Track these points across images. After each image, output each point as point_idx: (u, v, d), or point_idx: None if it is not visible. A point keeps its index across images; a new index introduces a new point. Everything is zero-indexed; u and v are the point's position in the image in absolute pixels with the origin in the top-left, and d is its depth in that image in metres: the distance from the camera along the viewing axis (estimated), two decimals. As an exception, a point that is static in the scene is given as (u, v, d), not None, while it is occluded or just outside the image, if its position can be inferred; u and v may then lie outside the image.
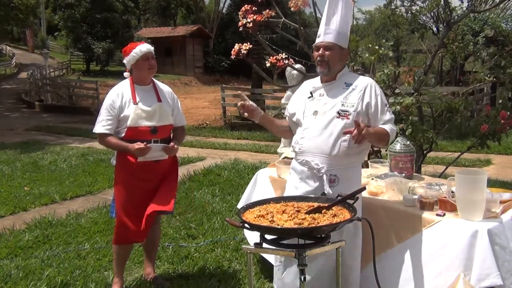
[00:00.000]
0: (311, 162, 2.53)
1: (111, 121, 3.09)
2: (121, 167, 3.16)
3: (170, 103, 3.28)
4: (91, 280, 3.41)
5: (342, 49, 2.57)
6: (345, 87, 2.55)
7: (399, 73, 4.41)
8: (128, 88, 3.16)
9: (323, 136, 2.50)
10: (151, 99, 3.18)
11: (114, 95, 3.13)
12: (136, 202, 3.11)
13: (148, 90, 3.22)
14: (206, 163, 7.77)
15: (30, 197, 5.85)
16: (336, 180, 2.51)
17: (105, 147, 3.21)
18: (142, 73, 3.16)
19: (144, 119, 3.10)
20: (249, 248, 2.15)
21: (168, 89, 3.36)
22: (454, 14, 8.81)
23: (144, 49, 3.10)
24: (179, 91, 25.97)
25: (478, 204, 2.32)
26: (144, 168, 3.10)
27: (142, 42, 3.23)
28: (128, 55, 3.12)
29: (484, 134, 3.79)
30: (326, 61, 2.52)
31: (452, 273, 2.27)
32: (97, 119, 3.13)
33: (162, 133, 3.17)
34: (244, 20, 4.58)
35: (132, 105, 3.09)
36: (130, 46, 3.17)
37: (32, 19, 23.51)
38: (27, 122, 14.74)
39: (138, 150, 3.00)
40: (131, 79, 3.21)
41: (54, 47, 40.59)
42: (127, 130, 3.08)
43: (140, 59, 3.11)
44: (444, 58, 16.72)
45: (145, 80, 3.21)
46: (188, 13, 41.38)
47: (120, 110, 3.09)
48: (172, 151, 3.18)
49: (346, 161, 2.52)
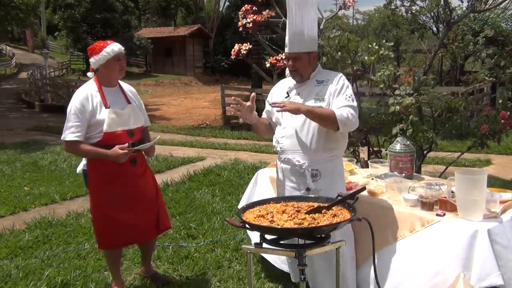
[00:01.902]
0: (292, 159, 2.63)
1: (81, 127, 2.88)
2: (96, 172, 3.01)
3: (137, 103, 3.17)
4: (91, 280, 3.41)
5: (310, 53, 2.63)
6: (317, 84, 2.64)
7: (399, 75, 4.40)
8: (96, 91, 2.97)
9: (302, 133, 2.61)
10: (121, 101, 3.05)
11: (82, 98, 2.91)
12: (118, 206, 3.02)
13: (116, 91, 3.07)
14: (206, 163, 7.77)
15: (30, 197, 5.85)
16: (318, 174, 2.60)
17: (75, 155, 3.00)
18: (112, 74, 3.00)
19: (120, 123, 2.96)
20: (249, 248, 2.15)
21: (132, 89, 3.23)
22: (454, 14, 8.82)
23: (116, 49, 2.94)
24: (179, 91, 26.00)
25: (478, 204, 2.32)
26: (120, 172, 2.98)
27: (111, 41, 3.02)
28: (97, 53, 2.93)
29: (484, 134, 3.79)
30: (295, 70, 2.62)
31: (451, 272, 2.27)
32: (65, 125, 2.91)
33: (137, 135, 3.09)
34: (244, 20, 4.58)
35: (104, 109, 2.92)
36: (99, 44, 2.98)
37: (32, 19, 23.48)
38: (27, 122, 14.74)
39: (123, 155, 2.87)
40: (96, 81, 3.01)
41: (54, 47, 40.58)
42: (103, 135, 2.92)
43: (111, 59, 2.94)
44: (444, 58, 16.73)
45: (114, 82, 3.06)
46: (188, 13, 41.36)
47: (91, 115, 2.90)
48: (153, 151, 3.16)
49: (326, 155, 2.62)
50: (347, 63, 3.89)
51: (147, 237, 3.23)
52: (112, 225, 3.03)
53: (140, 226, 3.11)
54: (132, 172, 3.05)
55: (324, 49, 3.82)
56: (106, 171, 2.97)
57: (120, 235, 3.07)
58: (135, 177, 3.08)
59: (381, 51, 3.74)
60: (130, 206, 3.05)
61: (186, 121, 15.22)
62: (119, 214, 3.02)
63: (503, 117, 3.60)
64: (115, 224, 3.02)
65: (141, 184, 3.12)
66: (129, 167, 3.01)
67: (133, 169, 3.05)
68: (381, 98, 7.09)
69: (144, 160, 3.21)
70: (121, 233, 3.06)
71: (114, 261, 3.24)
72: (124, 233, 3.07)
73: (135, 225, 3.08)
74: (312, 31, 2.61)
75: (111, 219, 3.02)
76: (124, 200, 3.02)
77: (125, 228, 3.05)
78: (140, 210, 3.10)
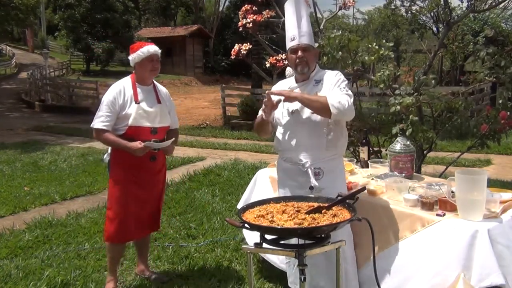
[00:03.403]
0: (294, 158, 2.66)
1: (111, 117, 3.08)
2: (118, 164, 3.17)
3: (168, 105, 3.30)
4: (91, 280, 3.41)
5: (315, 48, 2.77)
6: (315, 84, 2.68)
7: (399, 75, 4.41)
8: (130, 86, 3.16)
9: (303, 132, 2.63)
10: (152, 99, 3.20)
11: (116, 91, 3.12)
12: (133, 199, 3.15)
13: (149, 90, 3.23)
14: (206, 163, 7.77)
15: (30, 197, 5.85)
16: (320, 172, 2.62)
17: (101, 142, 3.20)
18: (144, 72, 3.17)
19: (145, 119, 3.12)
20: (249, 248, 2.15)
21: (166, 91, 3.39)
22: (454, 14, 8.81)
23: (151, 50, 3.13)
24: (179, 91, 25.97)
25: (478, 204, 2.32)
26: (140, 166, 3.14)
27: (151, 43, 3.25)
28: (134, 52, 3.13)
29: (484, 134, 3.79)
30: (305, 61, 2.66)
31: (451, 272, 2.27)
32: (96, 114, 3.12)
33: (160, 134, 3.21)
34: (244, 20, 4.58)
35: (134, 104, 3.10)
36: (139, 44, 3.20)
37: (32, 19, 23.50)
38: (27, 122, 14.74)
39: (140, 149, 3.02)
40: (132, 78, 3.21)
41: (54, 47, 40.58)
42: (128, 129, 3.09)
43: (145, 59, 3.12)
44: (444, 58, 16.73)
45: (147, 81, 3.23)
46: (188, 13, 41.37)
47: (121, 108, 3.09)
48: (171, 151, 3.28)
49: (328, 153, 2.65)
50: (348, 63, 3.89)
51: (145, 232, 3.38)
52: (125, 217, 3.15)
53: (144, 221, 3.26)
54: (150, 168, 3.21)
55: (324, 49, 3.82)
56: (126, 163, 3.12)
57: (130, 228, 3.19)
58: (152, 173, 3.24)
59: (381, 51, 3.74)
60: (141, 200, 3.19)
61: (186, 121, 15.20)
62: (133, 207, 3.16)
63: (503, 117, 3.60)
64: (127, 216, 3.15)
65: (155, 181, 3.28)
66: (148, 162, 3.16)
67: (151, 165, 3.21)
68: (381, 98, 7.09)
69: (163, 159, 3.35)
70: (131, 225, 3.18)
71: (116, 256, 3.31)
72: (134, 226, 3.19)
73: (142, 219, 3.23)
74: (311, 29, 2.72)
75: (125, 210, 3.15)
76: (138, 193, 3.16)
77: (135, 221, 3.19)
78: (148, 205, 3.26)
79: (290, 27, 2.69)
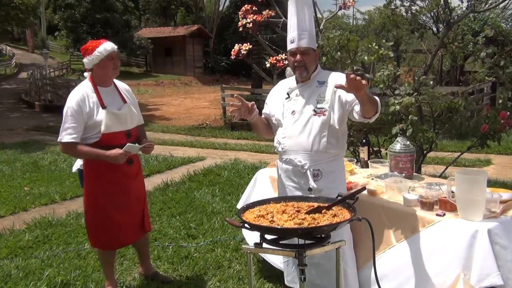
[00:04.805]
0: (294, 160, 2.65)
1: (78, 128, 2.87)
2: (93, 173, 3.00)
3: (132, 101, 3.13)
4: (91, 280, 3.41)
5: (315, 50, 2.69)
6: (318, 85, 2.65)
7: (399, 75, 4.41)
8: (92, 91, 2.94)
9: (303, 134, 2.61)
10: (117, 101, 3.03)
11: (78, 99, 2.89)
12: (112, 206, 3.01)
13: (112, 91, 3.04)
14: (206, 163, 7.77)
15: (30, 197, 5.85)
16: (319, 174, 2.61)
17: (72, 156, 3.00)
18: (106, 73, 2.97)
19: (118, 124, 2.95)
20: (249, 248, 2.14)
21: (126, 87, 3.21)
22: (454, 14, 8.82)
23: (109, 48, 2.91)
24: (179, 91, 25.98)
25: (478, 204, 2.32)
26: (116, 172, 2.97)
27: (104, 40, 2.99)
28: (90, 54, 2.90)
29: (484, 134, 3.79)
30: (304, 65, 2.62)
31: (451, 272, 2.27)
32: (62, 126, 2.90)
33: (134, 134, 3.08)
34: (244, 20, 4.58)
35: (102, 110, 2.90)
36: (92, 44, 2.96)
37: (32, 19, 23.48)
38: (27, 122, 14.74)
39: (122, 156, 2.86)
40: (91, 81, 2.98)
41: (54, 47, 40.56)
42: (101, 136, 2.91)
43: (104, 59, 2.91)
44: (444, 58, 16.72)
45: (109, 81, 3.02)
46: (188, 13, 41.35)
47: (88, 116, 2.88)
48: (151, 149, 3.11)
49: (327, 155, 2.63)
50: (347, 63, 3.89)
51: (136, 236, 3.23)
52: (106, 224, 3.02)
53: (130, 227, 3.13)
54: (128, 172, 3.06)
55: (324, 49, 3.82)
56: (102, 171, 2.96)
57: (113, 235, 3.06)
58: (130, 177, 3.09)
59: (381, 51, 3.74)
60: (123, 206, 3.05)
61: (186, 121, 15.22)
62: (113, 214, 3.02)
63: (503, 117, 3.61)
64: (108, 223, 3.02)
65: (135, 185, 3.14)
66: (125, 167, 3.01)
67: (129, 169, 3.06)
68: (381, 98, 7.08)
69: (138, 161, 3.22)
70: (114, 232, 3.05)
71: (108, 261, 3.22)
72: (116, 232, 3.06)
73: (127, 225, 3.10)
74: (313, 29, 2.68)
75: (105, 218, 3.02)
76: (118, 199, 3.02)
77: (118, 228, 3.05)
78: (132, 210, 3.12)
79: (290, 28, 2.66)
